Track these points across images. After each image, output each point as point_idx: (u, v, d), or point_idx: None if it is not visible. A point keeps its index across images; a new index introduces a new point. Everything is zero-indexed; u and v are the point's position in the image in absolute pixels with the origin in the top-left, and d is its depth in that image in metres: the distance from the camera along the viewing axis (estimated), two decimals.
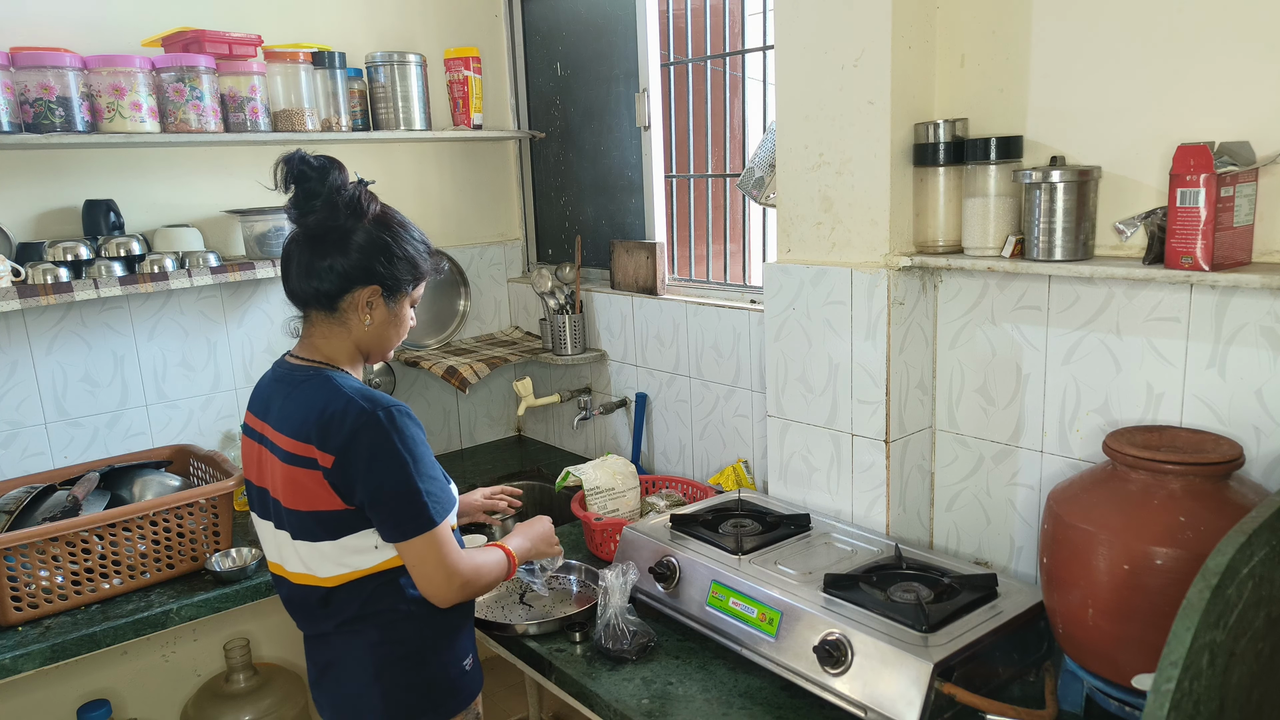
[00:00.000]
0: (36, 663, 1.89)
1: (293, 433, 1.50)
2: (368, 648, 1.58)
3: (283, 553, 1.59)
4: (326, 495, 1.48)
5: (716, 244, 2.69)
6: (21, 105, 2.13)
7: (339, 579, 1.54)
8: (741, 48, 2.51)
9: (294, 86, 2.51)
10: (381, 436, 1.46)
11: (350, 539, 1.51)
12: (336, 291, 1.55)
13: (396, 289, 1.59)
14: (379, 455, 1.46)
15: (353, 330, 1.59)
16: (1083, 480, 1.53)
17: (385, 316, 1.60)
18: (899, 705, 1.42)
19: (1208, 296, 1.54)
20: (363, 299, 1.56)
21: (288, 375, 1.58)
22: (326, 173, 1.53)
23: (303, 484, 1.49)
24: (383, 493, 1.47)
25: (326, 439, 1.46)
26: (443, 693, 1.63)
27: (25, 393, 2.37)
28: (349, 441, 1.45)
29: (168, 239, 2.44)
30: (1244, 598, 0.98)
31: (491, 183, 3.20)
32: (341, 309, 1.57)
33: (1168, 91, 1.55)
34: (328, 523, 1.50)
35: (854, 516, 2.00)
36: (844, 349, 1.94)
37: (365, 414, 1.46)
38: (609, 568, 1.78)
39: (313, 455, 1.47)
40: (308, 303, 1.58)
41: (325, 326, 1.59)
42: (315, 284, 1.54)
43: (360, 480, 1.46)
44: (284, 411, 1.54)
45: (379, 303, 1.58)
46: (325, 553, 1.52)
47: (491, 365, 2.88)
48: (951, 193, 1.82)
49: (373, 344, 1.62)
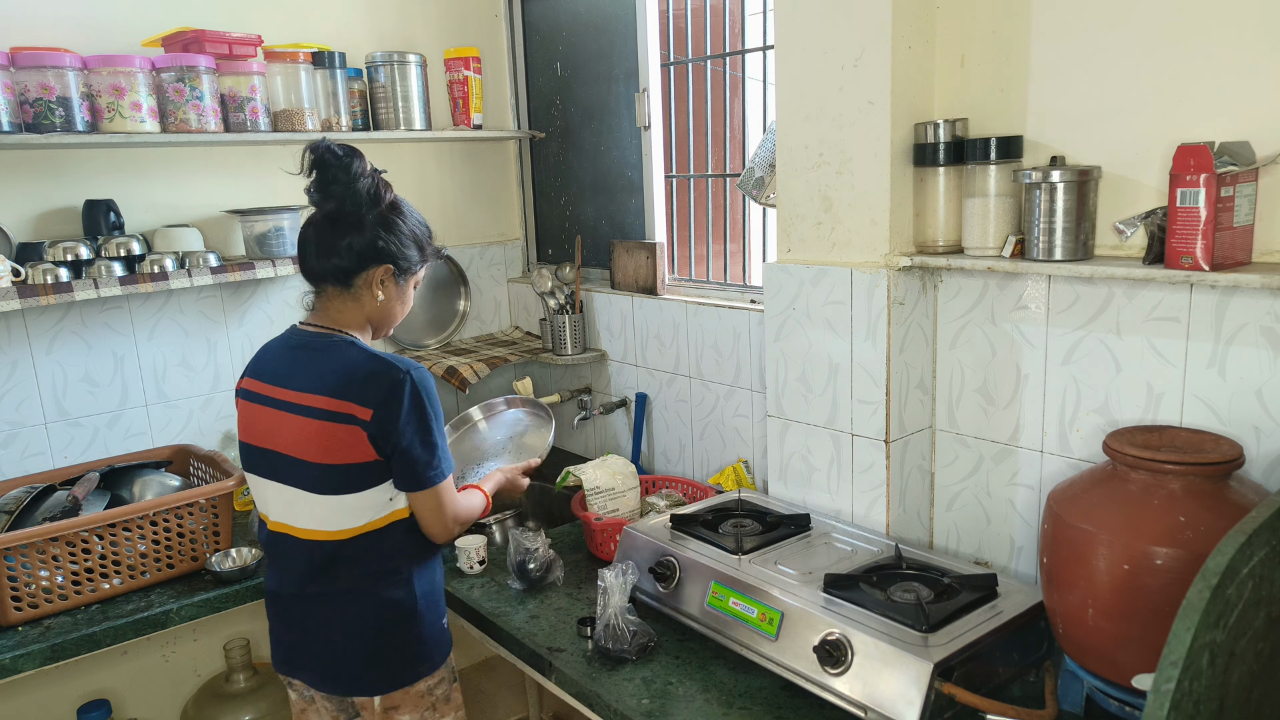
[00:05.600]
0: (36, 663, 1.89)
1: (328, 391, 1.62)
2: (374, 607, 1.70)
3: (294, 510, 1.69)
4: (363, 448, 1.61)
5: (716, 244, 2.69)
6: (21, 105, 2.13)
7: (351, 532, 1.66)
8: (741, 48, 2.51)
9: (294, 86, 2.51)
10: (414, 393, 1.63)
11: (372, 491, 1.65)
12: (354, 268, 1.69)
13: (407, 269, 1.74)
14: (414, 409, 1.62)
15: (365, 305, 1.73)
16: (1083, 480, 1.53)
17: (394, 294, 1.75)
18: (899, 705, 1.42)
19: (1208, 296, 1.54)
20: (377, 277, 1.70)
21: (308, 341, 1.71)
22: (349, 160, 1.67)
23: (339, 438, 1.61)
24: (413, 444, 1.63)
25: (365, 394, 1.60)
26: (431, 647, 1.77)
27: (25, 393, 2.37)
28: (388, 396, 1.60)
29: (168, 239, 2.44)
30: (1244, 598, 0.98)
31: (491, 183, 3.20)
32: (356, 285, 1.71)
33: (1168, 91, 1.55)
34: (359, 475, 1.63)
35: (854, 516, 2.00)
36: (844, 349, 1.94)
37: (401, 372, 1.63)
38: (609, 568, 1.78)
39: (352, 411, 1.60)
40: (324, 279, 1.71)
41: (339, 301, 1.72)
42: (335, 261, 1.68)
43: (396, 431, 1.61)
44: (313, 373, 1.66)
45: (390, 281, 1.73)
46: (347, 504, 1.65)
47: (491, 365, 2.88)
48: (951, 193, 1.82)
49: (381, 318, 1.76)
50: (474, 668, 3.13)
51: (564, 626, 1.91)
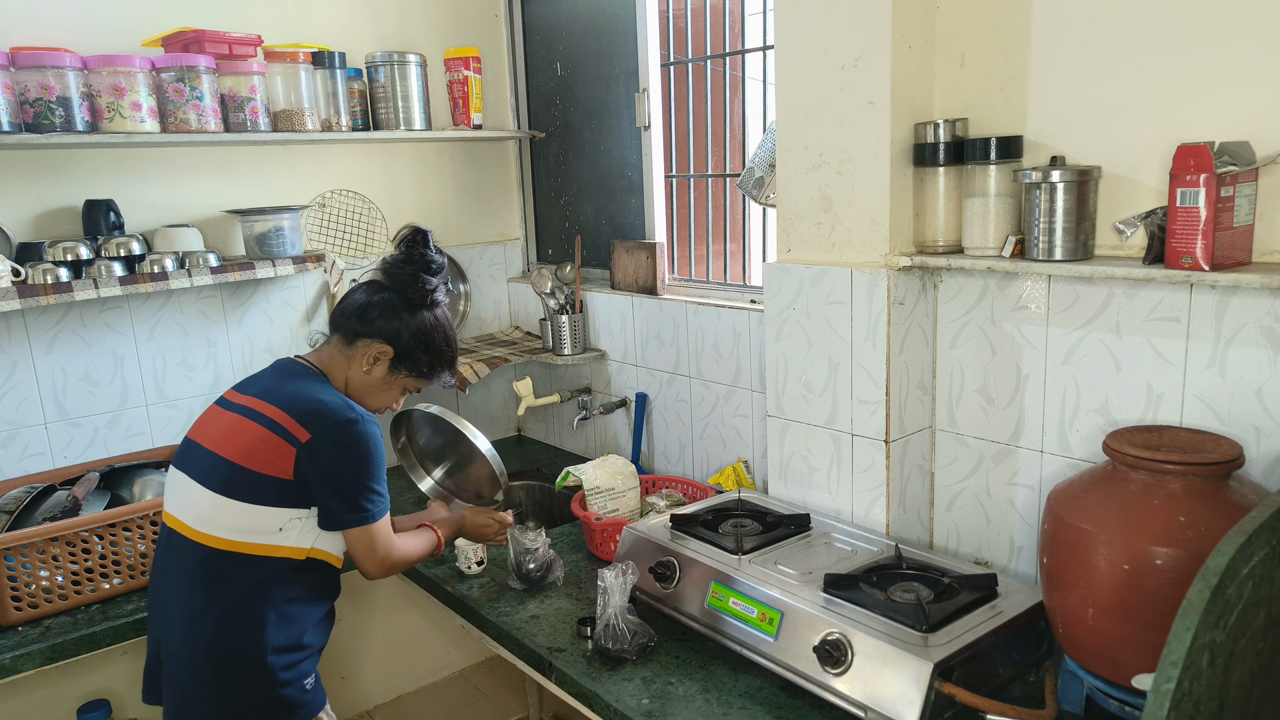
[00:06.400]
0: (36, 663, 1.89)
1: (280, 405, 1.69)
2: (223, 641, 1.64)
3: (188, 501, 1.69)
4: (285, 466, 1.65)
5: (716, 244, 2.69)
6: (21, 105, 2.13)
7: (229, 544, 1.64)
8: (741, 48, 2.51)
9: (294, 86, 2.51)
10: (356, 437, 1.69)
11: (267, 510, 1.65)
12: (363, 332, 1.81)
13: (405, 364, 1.84)
14: (350, 450, 1.68)
15: (351, 369, 1.83)
16: (1083, 480, 1.53)
17: (380, 377, 1.84)
18: (899, 705, 1.42)
19: (1208, 296, 1.54)
20: (374, 351, 1.81)
21: (292, 367, 1.82)
22: (435, 256, 1.85)
23: (269, 446, 1.65)
24: (341, 482, 1.68)
25: (312, 421, 1.67)
26: (284, 710, 1.68)
27: (25, 393, 2.37)
28: (330, 428, 1.67)
29: (168, 239, 2.44)
30: (1244, 598, 0.98)
31: (491, 183, 3.20)
32: (356, 347, 1.82)
33: (1168, 91, 1.55)
34: (264, 487, 1.64)
35: (854, 516, 2.00)
36: (844, 349, 1.94)
37: (352, 414, 1.71)
38: (609, 568, 1.78)
39: (293, 429, 1.66)
40: (338, 328, 1.84)
41: (336, 351, 1.84)
42: (355, 322, 1.81)
43: (323, 465, 1.66)
44: (277, 389, 1.74)
45: (384, 363, 1.83)
46: (235, 510, 1.64)
47: (491, 365, 2.88)
48: (951, 193, 1.82)
49: (358, 391, 1.84)
50: (474, 668, 3.13)
51: (564, 626, 1.91)
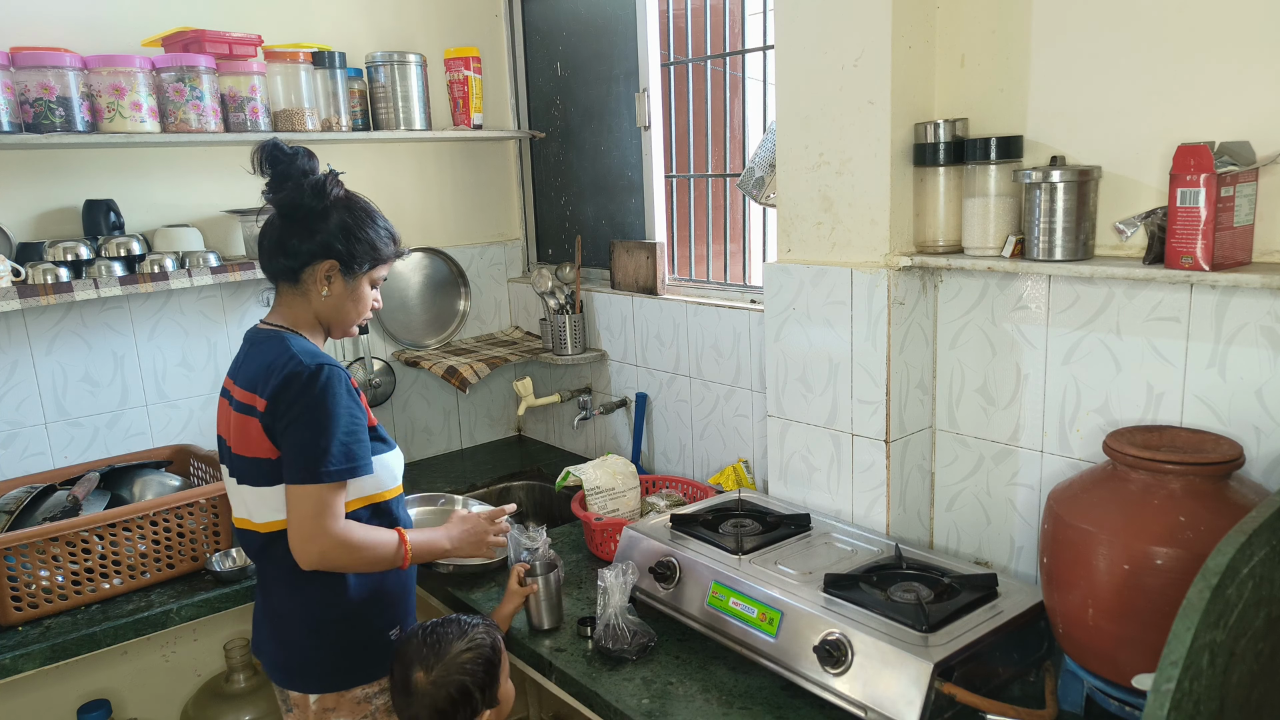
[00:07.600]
0: (36, 663, 1.89)
1: (245, 383, 1.66)
2: (306, 603, 1.68)
3: (235, 497, 1.72)
4: (263, 443, 1.61)
5: (716, 244, 2.69)
6: (21, 105, 2.13)
7: (272, 525, 1.65)
8: (741, 48, 2.51)
9: (294, 86, 2.51)
10: (307, 388, 1.58)
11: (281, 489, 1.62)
12: (298, 265, 1.68)
13: (354, 266, 1.71)
14: (298, 403, 1.57)
15: (312, 301, 1.72)
16: (1083, 480, 1.53)
17: (343, 291, 1.72)
18: (899, 705, 1.42)
19: (1208, 296, 1.54)
20: (321, 272, 1.69)
21: (253, 336, 1.74)
22: (295, 158, 1.67)
23: (247, 430, 1.63)
24: (291, 438, 1.58)
25: (265, 386, 1.60)
26: (372, 654, 1.71)
27: (25, 393, 2.37)
28: (279, 389, 1.58)
29: (168, 239, 2.44)
30: (1244, 598, 0.98)
31: (491, 183, 3.20)
32: (303, 280, 1.70)
33: (1168, 91, 1.55)
34: (266, 469, 1.62)
35: (854, 516, 2.00)
36: (844, 349, 1.94)
37: (301, 367, 1.59)
38: (609, 568, 1.78)
39: (253, 402, 1.62)
40: (277, 275, 1.72)
41: (290, 297, 1.73)
42: (282, 259, 1.69)
43: (280, 425, 1.59)
44: (244, 366, 1.69)
45: (337, 277, 1.71)
46: (265, 497, 1.64)
47: (491, 365, 2.88)
48: (951, 193, 1.82)
49: (331, 316, 1.74)
50: None
51: (564, 626, 1.91)
